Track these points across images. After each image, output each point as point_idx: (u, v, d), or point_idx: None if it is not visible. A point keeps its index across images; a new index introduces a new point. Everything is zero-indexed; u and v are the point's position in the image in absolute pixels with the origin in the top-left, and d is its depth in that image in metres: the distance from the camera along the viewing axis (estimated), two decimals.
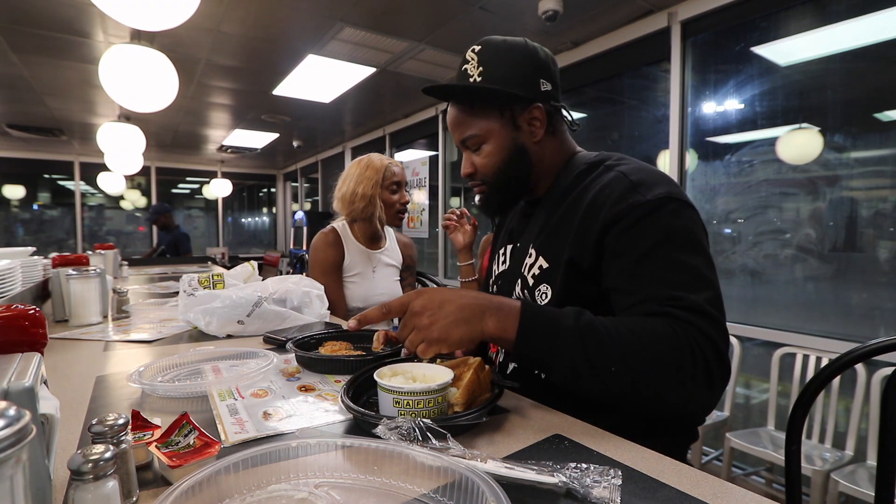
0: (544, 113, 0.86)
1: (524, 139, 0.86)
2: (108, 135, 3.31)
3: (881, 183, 1.92)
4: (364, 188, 1.68)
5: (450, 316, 0.64)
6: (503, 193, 0.90)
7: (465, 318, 0.64)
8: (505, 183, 0.88)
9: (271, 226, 8.77)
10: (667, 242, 0.70)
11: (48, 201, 6.83)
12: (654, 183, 0.74)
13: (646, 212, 0.71)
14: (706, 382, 0.63)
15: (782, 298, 2.17)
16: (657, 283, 0.68)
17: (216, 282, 1.41)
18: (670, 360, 0.62)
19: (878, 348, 0.74)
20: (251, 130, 5.20)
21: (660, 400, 0.64)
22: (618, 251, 0.72)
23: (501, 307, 0.66)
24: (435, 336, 0.64)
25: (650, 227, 0.71)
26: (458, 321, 0.64)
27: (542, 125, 0.86)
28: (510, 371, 0.88)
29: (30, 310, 0.59)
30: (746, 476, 2.14)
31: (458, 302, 0.65)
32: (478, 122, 0.86)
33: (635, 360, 0.62)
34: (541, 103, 0.85)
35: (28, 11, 2.41)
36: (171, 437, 0.52)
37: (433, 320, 0.64)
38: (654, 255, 0.69)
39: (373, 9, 2.44)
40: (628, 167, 0.79)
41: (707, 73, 2.39)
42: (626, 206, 0.72)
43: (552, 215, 0.86)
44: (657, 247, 0.70)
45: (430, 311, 0.64)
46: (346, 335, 1.06)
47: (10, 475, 0.28)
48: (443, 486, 0.45)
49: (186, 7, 1.49)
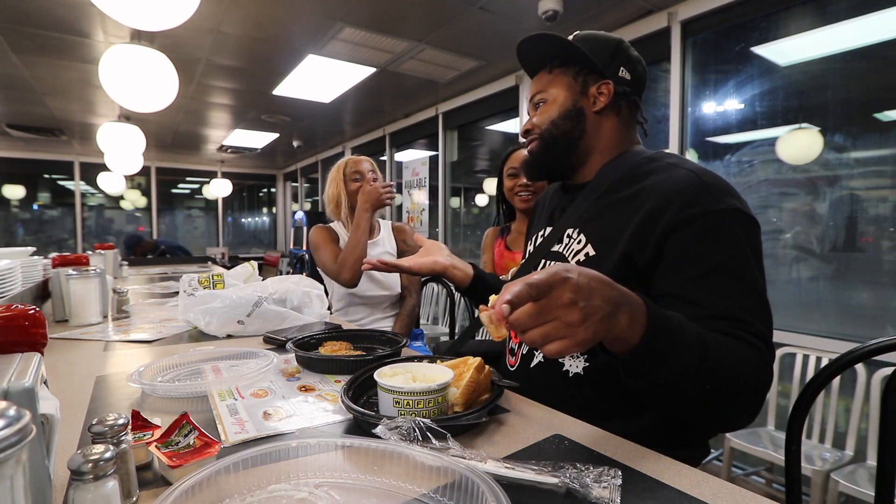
0: (612, 91, 0.87)
1: (585, 103, 0.89)
2: (108, 135, 3.31)
3: (881, 183, 1.92)
4: (332, 189, 1.84)
5: (601, 309, 0.51)
6: (552, 149, 0.90)
7: (608, 312, 0.52)
8: (556, 137, 0.89)
9: (271, 226, 8.77)
10: (738, 259, 0.68)
11: (48, 201, 6.83)
12: (727, 191, 0.72)
13: (718, 221, 0.69)
14: (755, 406, 0.65)
15: (782, 298, 2.17)
16: (728, 301, 0.67)
17: (216, 282, 1.41)
18: (744, 385, 0.62)
19: (878, 348, 0.74)
20: (251, 130, 5.20)
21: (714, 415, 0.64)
22: (685, 258, 0.70)
23: (633, 302, 0.55)
24: (586, 338, 0.50)
25: (723, 239, 0.69)
26: (607, 315, 0.51)
27: (606, 100, 0.88)
28: (535, 364, 0.85)
29: (30, 310, 0.59)
30: (746, 476, 2.14)
31: (603, 292, 0.52)
32: (554, 82, 0.91)
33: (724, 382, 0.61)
34: (611, 81, 0.87)
35: (28, 11, 2.41)
36: (171, 437, 0.52)
37: (586, 315, 0.49)
38: (725, 270, 0.68)
39: (373, 9, 2.44)
40: (695, 167, 0.77)
41: (707, 73, 2.39)
42: (698, 211, 0.69)
43: (603, 201, 0.84)
44: (728, 262, 0.68)
45: (583, 301, 0.50)
46: (346, 335, 1.06)
47: (10, 475, 0.28)
48: (443, 486, 0.45)
49: (186, 7, 1.49)
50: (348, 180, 1.81)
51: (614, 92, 0.88)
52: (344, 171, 1.83)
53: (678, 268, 0.70)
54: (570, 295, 0.49)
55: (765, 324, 0.67)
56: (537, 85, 0.94)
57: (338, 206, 1.83)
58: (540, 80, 0.94)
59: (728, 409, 0.63)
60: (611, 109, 0.89)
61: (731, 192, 0.72)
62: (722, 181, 0.74)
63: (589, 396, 0.76)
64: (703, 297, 0.67)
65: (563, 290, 0.49)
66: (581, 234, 0.83)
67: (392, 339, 1.03)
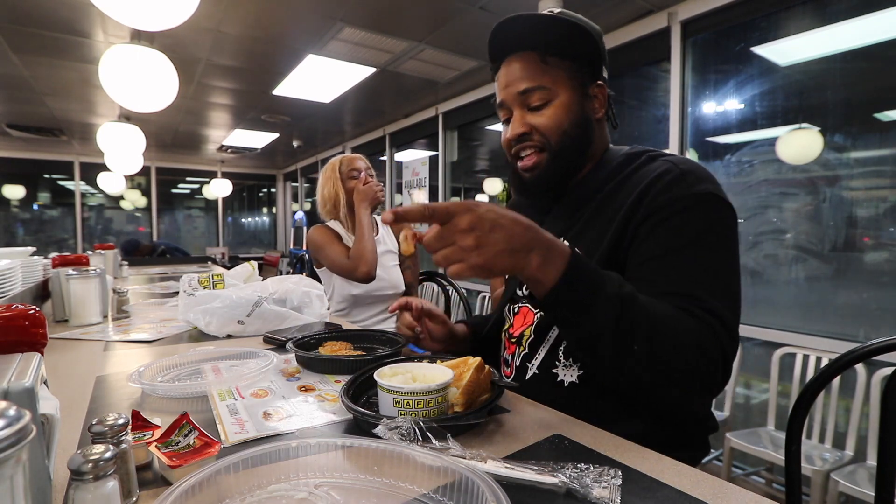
0: (605, 95, 0.82)
1: (589, 108, 0.80)
2: (108, 135, 3.31)
3: (881, 183, 1.92)
4: (328, 189, 1.78)
5: (499, 244, 0.56)
6: (565, 163, 0.80)
7: (513, 249, 0.57)
8: (569, 152, 0.79)
9: (271, 226, 8.77)
10: (699, 241, 0.67)
11: (48, 201, 6.83)
12: (701, 177, 0.71)
13: (688, 205, 0.68)
14: (706, 390, 0.62)
15: (782, 298, 2.16)
16: (681, 279, 0.66)
17: (216, 282, 1.41)
18: (690, 360, 0.60)
19: (878, 348, 0.74)
20: (251, 130, 5.20)
21: (660, 394, 0.63)
22: (649, 241, 0.69)
23: (551, 248, 0.60)
24: (478, 263, 0.56)
25: (690, 222, 0.68)
26: (505, 251, 0.57)
27: (602, 107, 0.82)
28: (529, 376, 0.83)
29: (30, 310, 0.59)
30: (746, 476, 2.14)
31: (510, 229, 0.57)
32: (549, 75, 0.77)
33: (660, 347, 0.60)
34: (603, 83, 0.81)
35: (28, 11, 2.41)
36: (171, 437, 0.52)
37: (480, 243, 0.56)
38: (684, 251, 0.67)
39: (373, 9, 2.44)
40: (673, 156, 0.76)
41: (707, 73, 2.39)
42: (670, 196, 0.69)
43: (584, 207, 0.81)
44: (689, 244, 0.67)
45: (479, 232, 0.56)
46: (346, 335, 1.06)
47: (10, 475, 0.28)
48: (443, 486, 0.45)
49: (186, 7, 1.49)
50: (345, 178, 1.78)
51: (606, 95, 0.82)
52: (339, 168, 1.79)
53: (642, 251, 0.70)
54: (467, 223, 0.56)
55: (723, 301, 0.64)
56: (530, 75, 0.78)
57: (335, 205, 1.79)
58: (529, 65, 0.78)
59: (666, 383, 0.61)
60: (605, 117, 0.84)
61: (706, 178, 0.71)
62: (699, 168, 0.73)
63: (586, 405, 0.73)
64: (656, 276, 0.67)
65: (462, 217, 0.56)
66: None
67: (392, 339, 1.03)
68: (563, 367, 0.79)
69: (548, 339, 0.81)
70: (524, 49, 0.79)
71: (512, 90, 0.79)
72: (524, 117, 0.79)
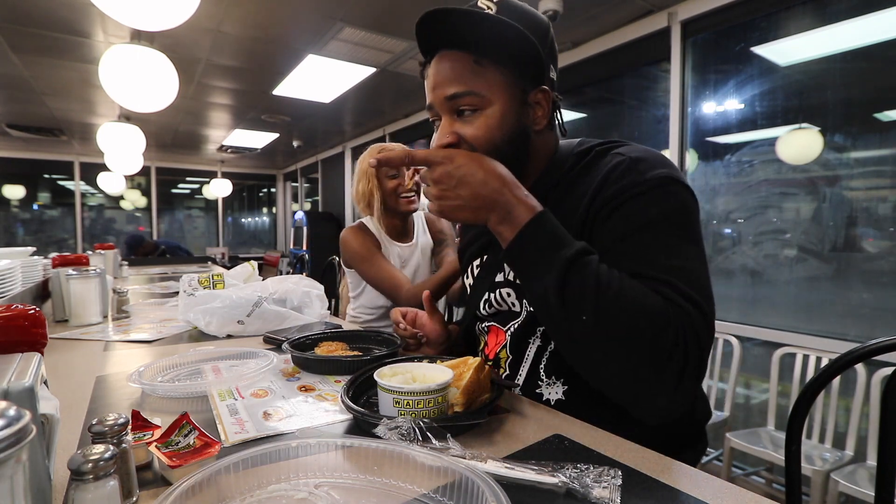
0: (549, 101, 0.74)
1: (527, 120, 0.73)
2: (108, 135, 3.31)
3: (881, 183, 1.92)
4: (362, 185, 1.60)
5: (459, 199, 0.64)
6: None
7: (473, 207, 0.64)
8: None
9: (271, 226, 8.77)
10: (661, 223, 0.64)
11: (48, 201, 6.83)
12: (655, 163, 0.68)
13: (643, 189, 0.65)
14: (677, 379, 0.56)
15: (782, 298, 2.17)
16: (645, 263, 0.62)
17: (216, 282, 1.41)
18: (650, 336, 0.56)
19: (878, 348, 0.74)
20: (251, 130, 5.20)
21: (613, 377, 0.59)
22: (606, 228, 0.66)
23: (511, 212, 0.63)
24: (441, 210, 0.65)
25: (644, 205, 0.65)
26: (464, 207, 0.64)
27: (545, 114, 0.74)
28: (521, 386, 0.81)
29: (30, 310, 0.59)
30: (746, 476, 2.14)
31: (474, 189, 0.63)
32: (483, 79, 0.69)
33: (610, 320, 0.56)
34: (548, 88, 0.73)
35: (28, 11, 2.41)
36: (171, 437, 0.52)
37: (444, 195, 0.64)
38: (646, 234, 0.64)
39: (373, 9, 2.44)
40: (625, 148, 0.72)
41: (707, 73, 2.39)
42: (625, 183, 0.66)
43: None
44: (651, 226, 0.64)
45: (445, 185, 0.64)
46: (343, 335, 1.06)
47: (10, 475, 0.28)
48: (443, 486, 0.45)
49: (186, 7, 1.49)
50: (382, 176, 1.57)
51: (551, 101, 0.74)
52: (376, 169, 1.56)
53: (599, 238, 0.67)
54: (437, 174, 0.64)
55: (692, 284, 0.60)
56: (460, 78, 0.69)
57: (369, 204, 1.60)
58: (460, 66, 0.69)
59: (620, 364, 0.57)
60: (548, 125, 0.76)
61: (660, 163, 0.68)
62: (652, 154, 0.70)
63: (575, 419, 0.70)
64: (616, 261, 0.62)
65: (436, 171, 0.64)
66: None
67: (388, 339, 1.03)
68: (546, 385, 0.77)
69: (526, 358, 0.79)
70: (455, 47, 0.70)
71: (440, 93, 0.71)
72: (452, 125, 0.71)
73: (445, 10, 0.66)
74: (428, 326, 0.94)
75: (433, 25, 0.69)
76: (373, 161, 0.69)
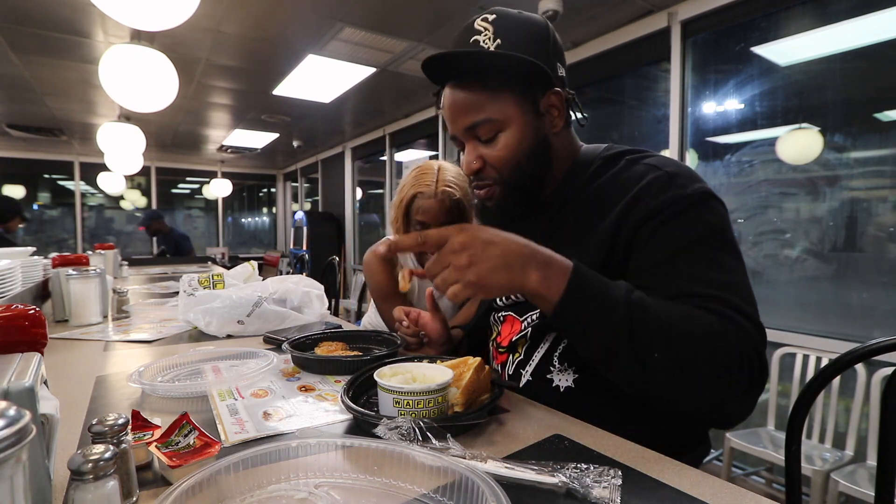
0: (563, 101, 0.76)
1: (544, 128, 0.76)
2: (108, 135, 3.31)
3: (881, 183, 1.92)
4: (394, 213, 1.38)
5: (493, 260, 0.57)
6: (522, 194, 0.77)
7: (508, 264, 0.58)
8: (525, 181, 0.76)
9: (271, 226, 8.76)
10: (709, 239, 0.65)
11: (48, 201, 6.82)
12: (690, 177, 0.69)
13: (686, 206, 0.66)
14: (746, 389, 0.59)
15: (782, 298, 2.16)
16: (698, 280, 0.63)
17: (216, 282, 1.41)
18: (719, 358, 0.57)
19: (878, 348, 0.74)
20: (251, 130, 5.20)
21: (696, 399, 0.60)
22: (652, 245, 0.67)
23: (550, 262, 0.60)
24: (472, 280, 0.57)
25: (691, 222, 0.66)
26: (500, 267, 0.58)
27: (561, 115, 0.77)
28: (524, 383, 0.81)
29: (30, 310, 0.59)
30: (746, 476, 2.14)
31: (504, 246, 0.58)
32: (495, 104, 0.72)
33: (682, 350, 0.57)
34: (559, 89, 0.75)
35: (28, 11, 2.41)
36: (171, 437, 0.52)
37: (473, 261, 0.57)
38: (695, 251, 0.65)
39: (373, 9, 2.44)
40: (657, 160, 0.73)
41: (707, 73, 2.39)
42: (667, 198, 0.66)
43: (562, 215, 0.79)
44: (699, 243, 0.65)
45: (473, 250, 0.58)
46: (343, 335, 1.06)
47: (10, 475, 0.28)
48: (443, 486, 0.45)
49: (186, 7, 1.49)
50: (413, 223, 1.35)
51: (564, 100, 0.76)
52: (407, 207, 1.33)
53: (646, 256, 0.67)
54: (459, 243, 0.58)
55: (742, 296, 0.62)
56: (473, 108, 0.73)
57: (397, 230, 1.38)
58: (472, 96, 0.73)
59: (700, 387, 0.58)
60: (566, 123, 0.79)
61: (695, 177, 0.70)
62: (685, 168, 0.72)
63: (583, 408, 0.71)
64: (668, 280, 0.64)
65: (455, 238, 0.58)
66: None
67: (388, 339, 1.04)
68: (557, 371, 0.77)
69: (543, 345, 0.80)
70: (464, 79, 0.74)
71: (459, 125, 0.76)
72: (476, 150, 0.76)
73: (449, 54, 0.70)
74: (430, 326, 0.95)
75: (437, 65, 0.72)
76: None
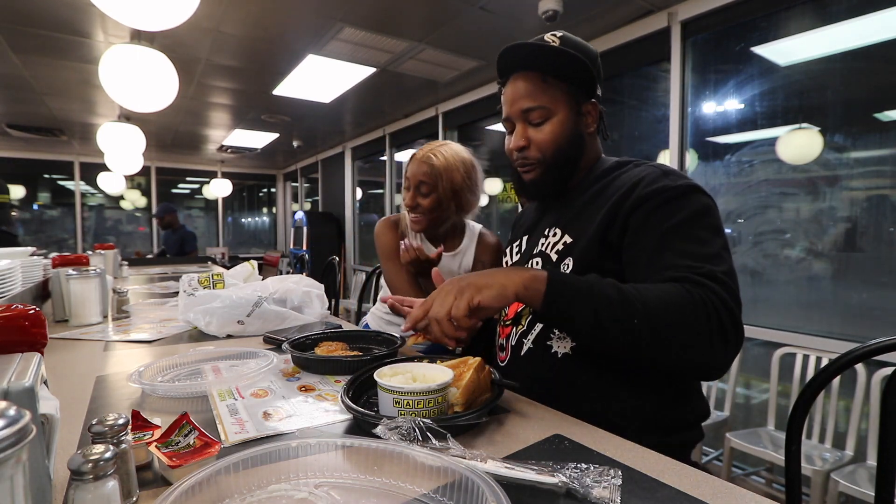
0: (598, 112, 0.91)
1: (581, 126, 0.90)
2: (108, 135, 3.31)
3: (881, 183, 1.92)
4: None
5: (471, 287, 0.69)
6: (559, 172, 0.91)
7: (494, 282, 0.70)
8: (562, 163, 0.90)
9: (271, 226, 8.76)
10: (690, 221, 0.75)
11: (48, 201, 6.82)
12: (681, 176, 0.82)
13: (675, 195, 0.77)
14: (721, 341, 0.65)
15: (782, 298, 2.16)
16: (678, 255, 0.72)
17: (216, 282, 1.41)
18: (687, 317, 0.65)
19: (878, 348, 0.74)
20: (251, 130, 5.20)
21: (680, 355, 0.67)
22: (643, 228, 0.77)
23: (531, 270, 0.72)
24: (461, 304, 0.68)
25: (677, 207, 0.76)
26: (486, 286, 0.69)
27: (594, 122, 0.92)
28: (525, 351, 0.87)
29: (30, 310, 0.59)
30: (746, 476, 2.14)
31: (482, 273, 0.73)
32: (549, 95, 0.87)
33: (655, 315, 0.65)
34: (597, 102, 0.91)
35: (28, 11, 2.41)
36: (171, 437, 0.52)
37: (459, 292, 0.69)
38: (677, 231, 0.74)
39: (373, 9, 2.44)
40: (656, 164, 0.86)
41: (707, 73, 2.39)
42: (658, 187, 0.78)
43: (577, 201, 0.90)
44: (681, 224, 0.75)
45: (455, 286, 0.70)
46: (343, 335, 1.06)
47: (10, 475, 0.28)
48: (443, 486, 0.45)
49: (186, 7, 1.49)
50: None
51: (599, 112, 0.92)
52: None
53: (636, 238, 0.78)
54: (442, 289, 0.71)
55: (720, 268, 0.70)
56: (532, 95, 0.87)
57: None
58: (531, 85, 0.87)
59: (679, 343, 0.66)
60: (596, 130, 0.94)
61: (685, 176, 0.82)
62: (677, 170, 0.84)
63: (579, 376, 0.80)
64: (653, 257, 0.74)
65: (439, 290, 0.72)
66: (557, 228, 0.90)
67: (388, 339, 1.04)
68: (557, 338, 0.84)
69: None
70: (528, 69, 0.88)
71: (516, 108, 0.89)
72: (525, 131, 0.90)
73: (522, 43, 0.85)
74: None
75: (512, 53, 0.87)
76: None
